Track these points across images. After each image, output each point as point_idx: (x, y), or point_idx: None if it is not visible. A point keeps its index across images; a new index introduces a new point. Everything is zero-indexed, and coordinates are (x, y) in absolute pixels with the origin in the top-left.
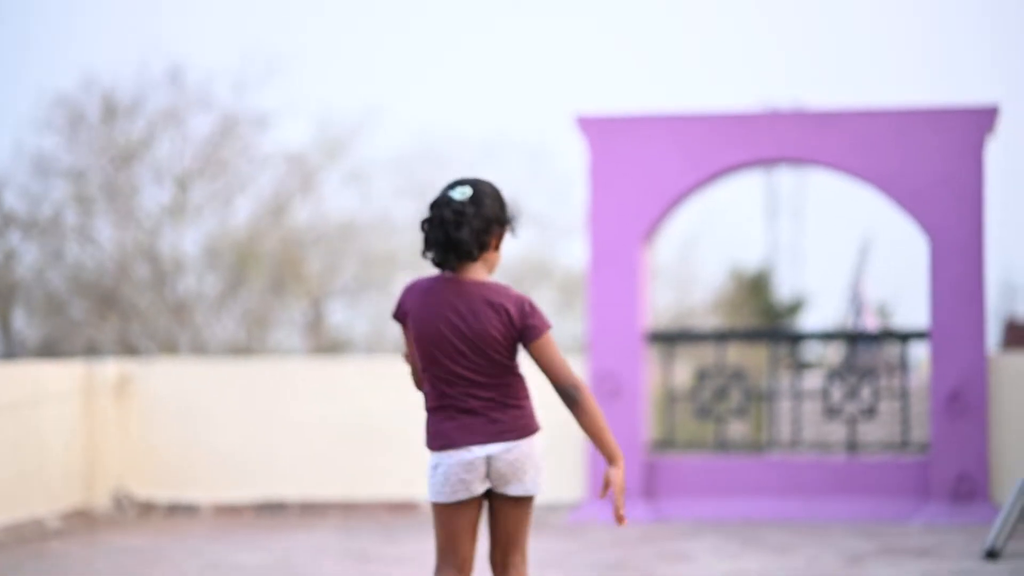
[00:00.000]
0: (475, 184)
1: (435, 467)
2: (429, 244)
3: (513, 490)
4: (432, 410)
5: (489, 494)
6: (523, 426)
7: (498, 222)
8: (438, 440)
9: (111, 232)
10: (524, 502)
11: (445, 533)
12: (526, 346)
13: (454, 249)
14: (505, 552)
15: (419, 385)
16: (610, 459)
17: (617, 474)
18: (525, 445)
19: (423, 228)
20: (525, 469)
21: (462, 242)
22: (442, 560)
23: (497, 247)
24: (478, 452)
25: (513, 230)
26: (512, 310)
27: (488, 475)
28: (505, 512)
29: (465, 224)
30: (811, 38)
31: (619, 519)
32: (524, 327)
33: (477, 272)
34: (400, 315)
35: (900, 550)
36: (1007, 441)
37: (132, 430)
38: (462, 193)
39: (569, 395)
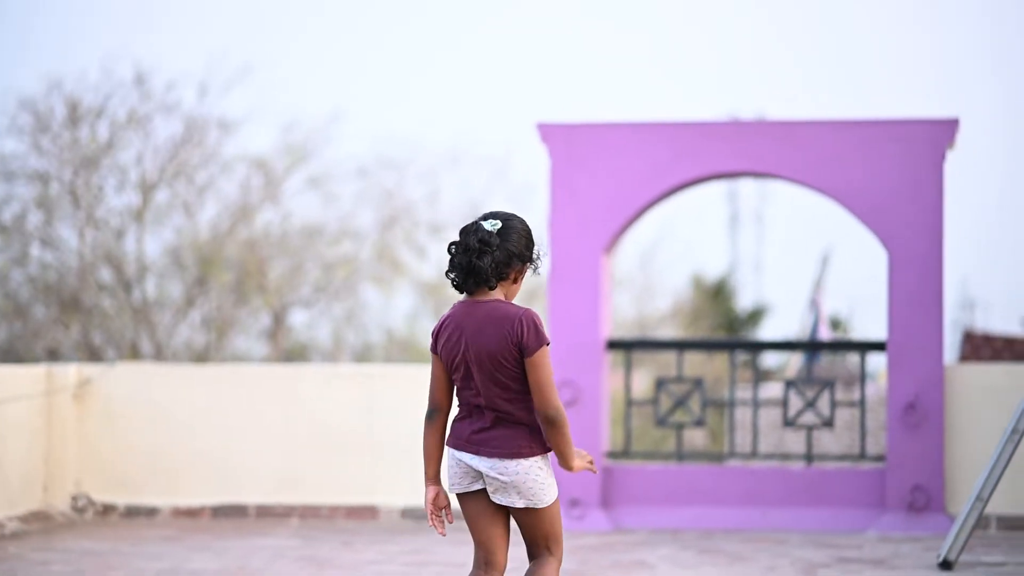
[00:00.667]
0: (506, 219)
1: (447, 459)
2: (453, 266)
3: (501, 500)
4: (457, 413)
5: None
6: (515, 447)
7: (520, 258)
8: (451, 438)
9: (74, 236)
10: (533, 512)
11: (469, 525)
12: (523, 361)
13: (474, 275)
14: (534, 544)
15: (430, 409)
16: (567, 466)
17: (578, 464)
18: (513, 465)
19: (449, 251)
20: (515, 485)
21: (482, 269)
22: (475, 555)
23: (516, 280)
24: (469, 460)
25: (536, 269)
26: (507, 326)
27: (486, 480)
28: (519, 520)
29: (488, 254)
30: (777, 51)
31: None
32: (521, 343)
33: (493, 297)
34: (433, 346)
35: (855, 560)
36: (963, 452)
37: (92, 433)
38: (492, 225)
39: (550, 419)
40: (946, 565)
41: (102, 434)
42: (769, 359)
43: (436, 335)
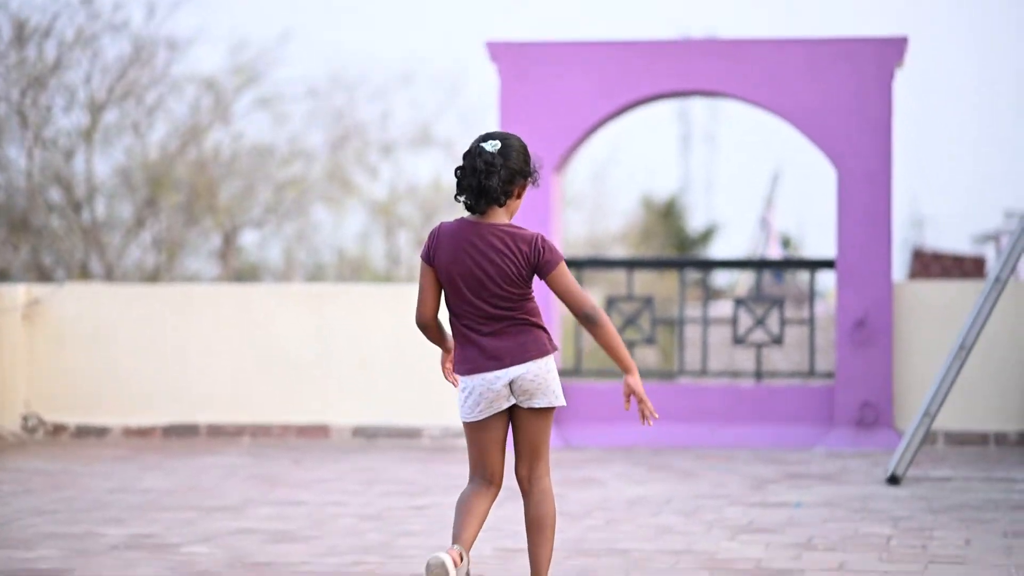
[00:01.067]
0: (504, 139)
1: (463, 390)
2: (462, 189)
3: (539, 403)
4: (457, 338)
5: (512, 411)
6: (541, 346)
7: (521, 174)
8: (465, 365)
9: (23, 156)
10: (546, 414)
11: (475, 448)
12: (543, 278)
13: (484, 195)
14: (531, 465)
15: (421, 319)
16: (627, 370)
17: (637, 382)
18: (544, 362)
19: (456, 175)
20: (548, 382)
21: (492, 189)
22: (474, 471)
23: (519, 196)
24: (501, 375)
25: (535, 182)
26: (525, 249)
27: (512, 393)
28: (529, 424)
29: (495, 173)
30: None
31: (650, 416)
32: (539, 262)
33: (499, 216)
34: (427, 255)
35: (804, 476)
36: (911, 369)
37: (41, 354)
38: (492, 146)
39: (588, 317)
40: (894, 480)
41: (52, 354)
42: (720, 278)
43: (433, 248)
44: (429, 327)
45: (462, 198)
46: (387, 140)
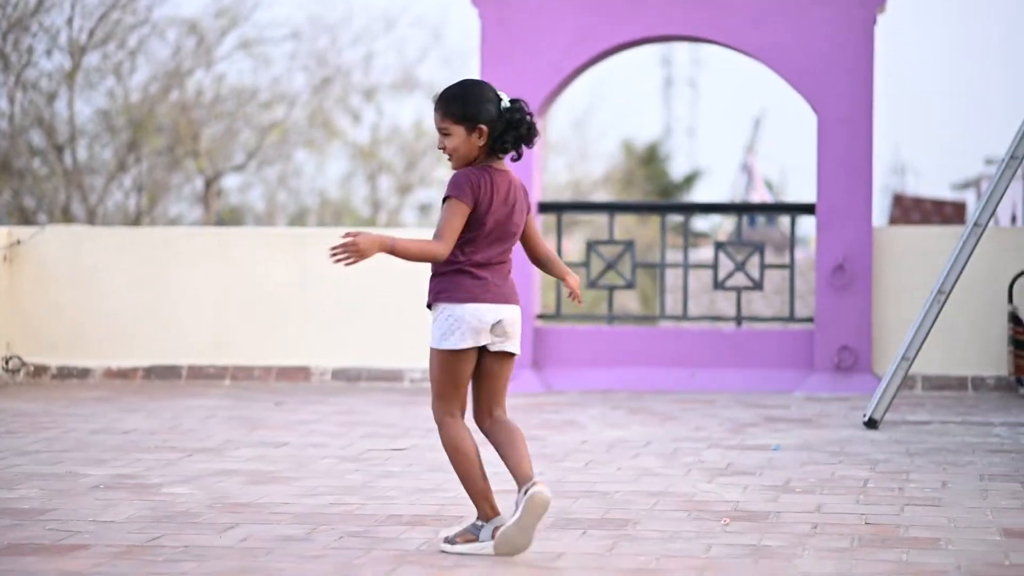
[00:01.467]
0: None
1: (449, 318)
2: (510, 142)
3: (510, 347)
4: (455, 271)
5: (481, 358)
6: (516, 295)
7: None
8: (461, 293)
9: (4, 99)
10: (510, 361)
11: (449, 376)
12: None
13: (528, 145)
14: (491, 409)
15: (442, 256)
16: (567, 273)
17: (576, 278)
18: (519, 310)
19: (506, 126)
20: (518, 330)
21: (534, 140)
22: (444, 398)
23: None
24: (494, 309)
25: None
26: (526, 193)
27: (492, 331)
28: (496, 370)
29: (533, 124)
30: None
31: (577, 298)
32: (528, 206)
33: (504, 164)
34: (472, 199)
35: (782, 420)
36: (890, 314)
37: (23, 295)
38: (507, 97)
39: (548, 255)
40: (872, 424)
41: (33, 296)
42: (701, 223)
43: (476, 189)
44: (437, 261)
45: (509, 151)
46: (370, 84)
